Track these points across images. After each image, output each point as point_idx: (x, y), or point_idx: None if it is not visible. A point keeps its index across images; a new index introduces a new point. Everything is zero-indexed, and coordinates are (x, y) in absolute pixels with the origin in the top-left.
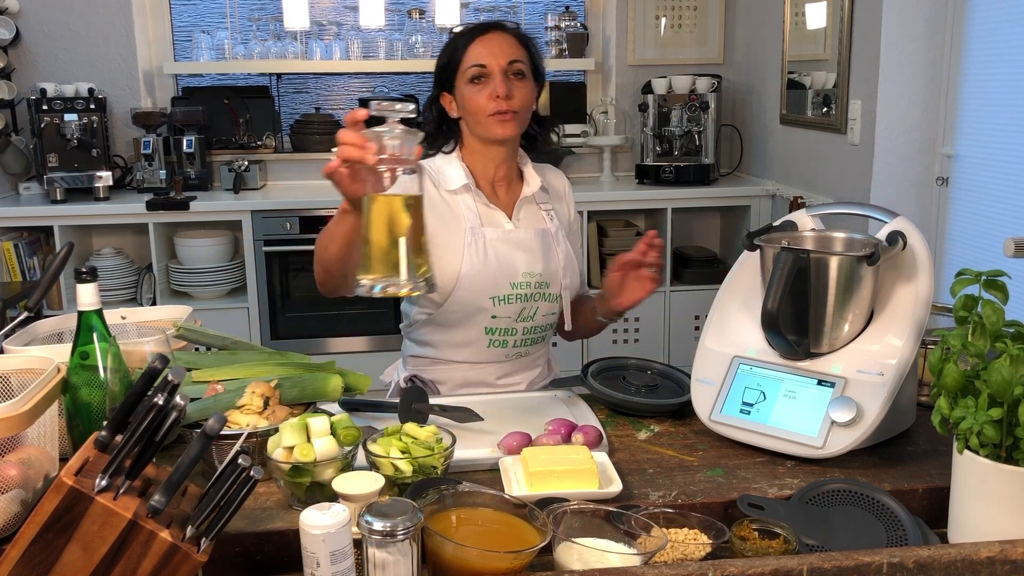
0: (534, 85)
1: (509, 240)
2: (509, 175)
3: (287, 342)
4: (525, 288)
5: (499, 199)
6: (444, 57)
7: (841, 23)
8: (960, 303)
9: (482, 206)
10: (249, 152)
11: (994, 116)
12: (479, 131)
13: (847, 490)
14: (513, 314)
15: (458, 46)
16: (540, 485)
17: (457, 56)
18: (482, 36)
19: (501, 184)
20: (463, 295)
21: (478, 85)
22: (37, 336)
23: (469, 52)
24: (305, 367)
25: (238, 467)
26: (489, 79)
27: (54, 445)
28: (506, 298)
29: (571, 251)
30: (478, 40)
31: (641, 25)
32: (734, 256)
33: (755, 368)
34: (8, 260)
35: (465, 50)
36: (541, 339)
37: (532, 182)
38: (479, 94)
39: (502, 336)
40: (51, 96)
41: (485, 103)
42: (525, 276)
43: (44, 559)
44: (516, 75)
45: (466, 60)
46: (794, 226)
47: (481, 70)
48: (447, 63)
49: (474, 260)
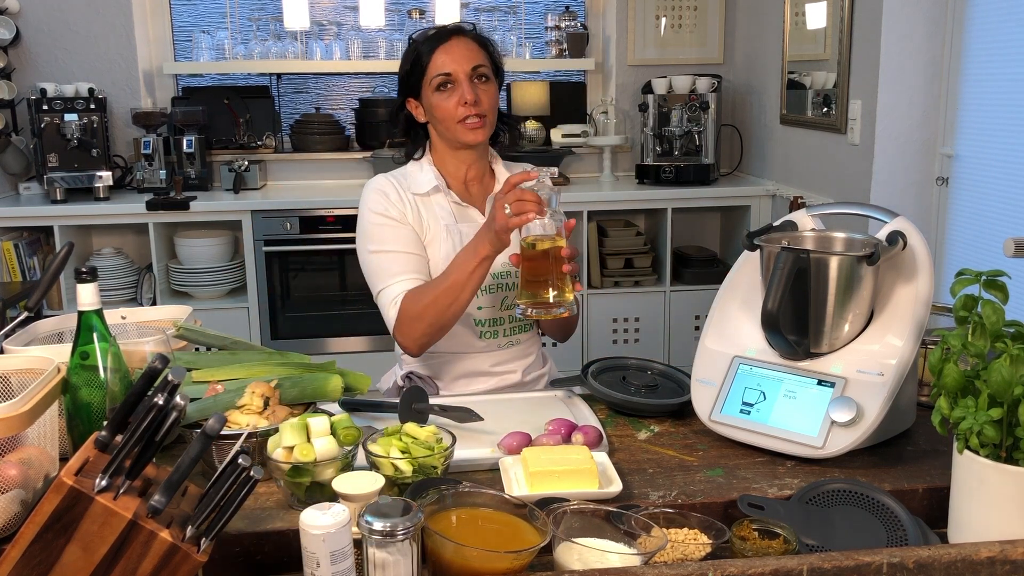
0: (496, 85)
1: None
2: (481, 173)
3: (287, 342)
4: (505, 278)
5: (472, 197)
6: (407, 64)
7: (841, 23)
8: (960, 303)
9: (454, 204)
10: (249, 152)
11: (994, 116)
12: (449, 136)
13: (847, 490)
14: (497, 303)
15: (421, 54)
16: (540, 485)
17: (421, 64)
18: (444, 43)
19: (474, 183)
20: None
21: (445, 92)
22: (37, 336)
23: (433, 60)
24: (305, 367)
25: (238, 467)
26: (456, 86)
27: (54, 445)
28: (487, 288)
29: None
30: (441, 48)
31: (641, 25)
32: (734, 256)
33: (755, 368)
34: (8, 260)
35: (429, 58)
36: (528, 325)
37: (502, 178)
38: (447, 101)
39: (491, 327)
40: (51, 96)
41: (454, 110)
42: (504, 266)
43: (44, 559)
44: (480, 79)
45: (431, 68)
46: (794, 226)
47: (447, 78)
48: (411, 71)
49: (452, 256)
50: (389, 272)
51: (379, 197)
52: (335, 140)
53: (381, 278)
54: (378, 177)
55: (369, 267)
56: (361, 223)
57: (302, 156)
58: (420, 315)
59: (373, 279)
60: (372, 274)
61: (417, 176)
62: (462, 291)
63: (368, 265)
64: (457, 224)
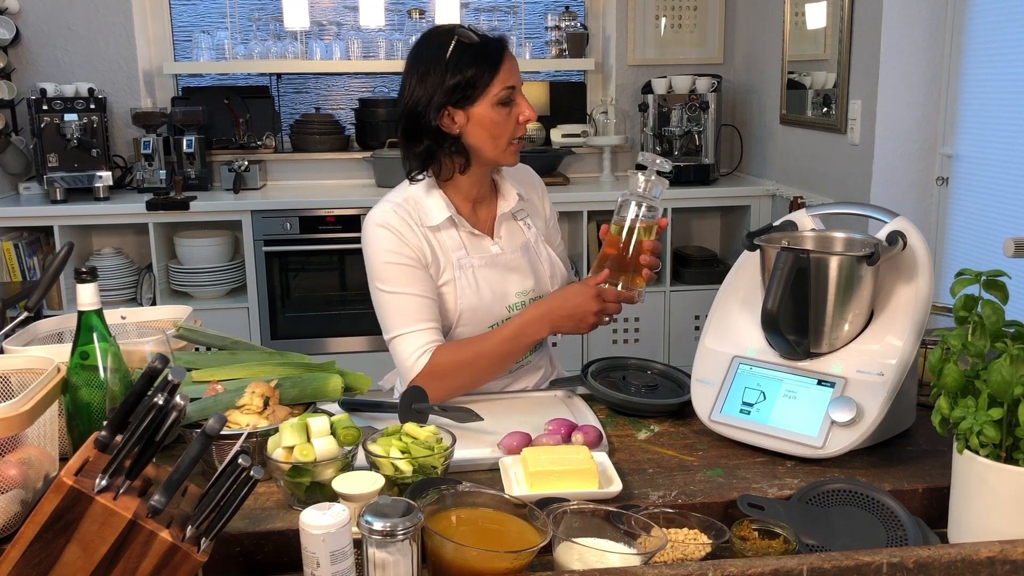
0: None
1: (497, 264)
2: (488, 193)
3: (287, 342)
4: (520, 308)
5: (479, 220)
6: (461, 70)
7: (841, 23)
8: (960, 303)
9: (466, 235)
10: (249, 152)
11: (994, 116)
12: (491, 155)
13: (847, 490)
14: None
15: (487, 61)
16: (540, 485)
17: (486, 72)
18: (507, 53)
19: (481, 205)
20: (463, 330)
21: (507, 108)
22: (37, 336)
23: (501, 71)
24: (305, 367)
25: (238, 467)
26: (516, 101)
27: (54, 445)
28: (504, 321)
29: (552, 255)
30: (506, 58)
31: (641, 25)
32: (734, 256)
33: (755, 368)
34: (8, 260)
35: (498, 67)
36: (540, 344)
37: (509, 197)
38: (509, 117)
39: None
40: (51, 96)
41: (513, 127)
42: (518, 296)
43: (44, 559)
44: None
45: (499, 79)
46: (794, 226)
47: (512, 92)
48: (470, 79)
49: (468, 295)
50: (407, 317)
51: (389, 236)
52: (335, 140)
53: (398, 323)
54: (382, 210)
55: (383, 307)
56: (372, 262)
57: (302, 156)
58: (454, 374)
59: (388, 322)
60: (387, 316)
61: (426, 205)
62: (505, 361)
63: (382, 305)
64: (469, 257)
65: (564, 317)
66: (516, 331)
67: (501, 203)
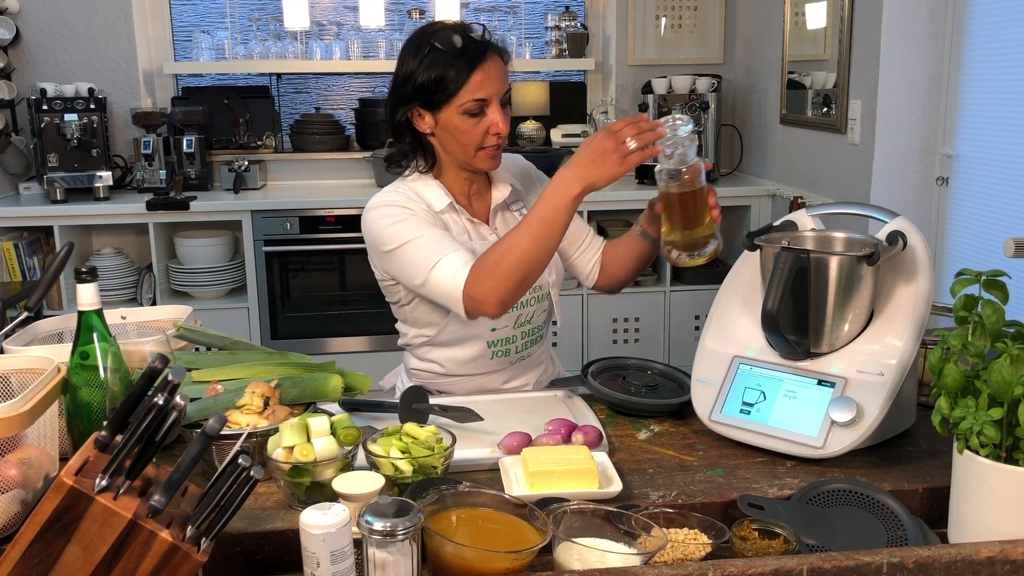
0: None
1: None
2: (482, 187)
3: (287, 342)
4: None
5: (475, 210)
6: (429, 74)
7: (841, 23)
8: (960, 303)
9: (467, 222)
10: (249, 152)
11: (994, 116)
12: (460, 158)
13: (847, 490)
14: (511, 323)
15: (454, 69)
16: (540, 485)
17: (453, 81)
18: (482, 64)
19: (476, 198)
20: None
21: (474, 119)
22: (37, 336)
23: (471, 81)
24: (305, 367)
25: (238, 467)
26: (487, 113)
27: (54, 445)
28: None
29: None
30: (480, 68)
31: (641, 25)
32: (734, 256)
33: (755, 368)
34: (8, 260)
35: (466, 77)
36: (540, 338)
37: (502, 187)
38: (475, 127)
39: (504, 346)
40: (51, 96)
41: (480, 137)
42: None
43: (44, 559)
44: (505, 104)
45: (466, 90)
46: (794, 226)
47: (481, 105)
48: (435, 84)
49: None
50: (432, 251)
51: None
52: (335, 140)
53: (426, 260)
54: (383, 193)
55: (404, 258)
56: (379, 235)
57: (302, 156)
58: (500, 264)
59: (414, 267)
60: (411, 264)
61: (425, 194)
62: (549, 235)
63: (402, 257)
64: (472, 242)
65: (586, 164)
66: (547, 198)
67: (495, 193)
